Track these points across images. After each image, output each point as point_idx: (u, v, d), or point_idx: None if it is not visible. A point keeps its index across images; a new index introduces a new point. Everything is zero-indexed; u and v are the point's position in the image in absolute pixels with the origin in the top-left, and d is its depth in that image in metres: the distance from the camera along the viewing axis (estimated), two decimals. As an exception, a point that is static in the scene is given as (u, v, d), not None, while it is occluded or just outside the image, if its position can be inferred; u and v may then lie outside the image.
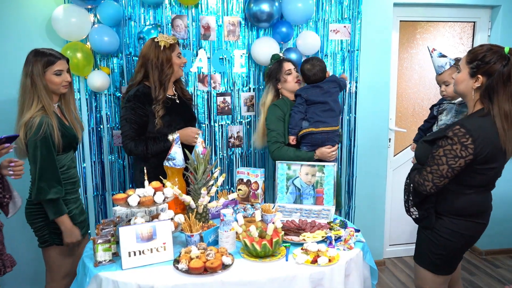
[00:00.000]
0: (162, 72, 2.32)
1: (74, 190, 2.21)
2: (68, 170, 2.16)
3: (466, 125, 1.71)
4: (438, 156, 1.76)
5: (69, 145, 2.14)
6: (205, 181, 2.02)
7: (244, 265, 1.67)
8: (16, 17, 2.62)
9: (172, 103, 2.40)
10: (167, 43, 2.32)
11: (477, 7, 3.34)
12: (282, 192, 2.36)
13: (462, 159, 1.72)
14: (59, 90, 2.10)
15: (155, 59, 2.31)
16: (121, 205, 1.81)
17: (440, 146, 1.76)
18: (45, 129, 1.97)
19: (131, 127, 2.28)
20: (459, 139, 1.70)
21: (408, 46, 3.39)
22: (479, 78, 1.73)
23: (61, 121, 2.11)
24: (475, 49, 1.77)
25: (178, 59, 2.38)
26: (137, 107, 2.28)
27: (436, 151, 1.77)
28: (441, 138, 1.77)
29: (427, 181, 1.80)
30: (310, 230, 1.96)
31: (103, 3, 2.61)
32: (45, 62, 2.03)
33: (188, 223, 1.82)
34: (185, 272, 1.59)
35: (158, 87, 2.31)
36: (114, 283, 1.57)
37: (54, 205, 2.03)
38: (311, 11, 2.84)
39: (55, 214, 2.04)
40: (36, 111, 2.00)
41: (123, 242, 1.64)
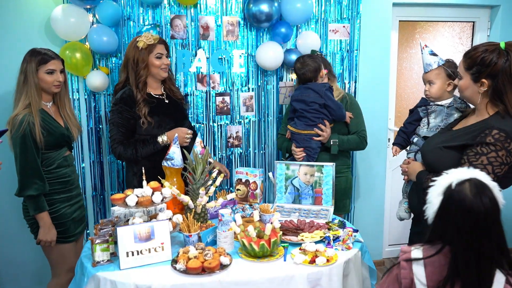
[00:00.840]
0: (137, 73, 2.28)
1: (65, 190, 2.21)
2: (59, 168, 2.17)
3: (505, 128, 1.60)
4: (482, 165, 1.59)
5: (56, 143, 2.15)
6: (203, 181, 2.02)
7: (242, 265, 1.67)
8: (15, 17, 2.62)
9: (159, 103, 2.36)
10: (145, 43, 2.25)
11: (477, 7, 3.34)
12: (281, 192, 2.36)
13: (507, 165, 1.61)
14: (50, 89, 2.14)
15: (132, 59, 2.29)
16: (119, 205, 1.81)
17: (481, 153, 1.60)
18: (25, 127, 2.01)
19: (119, 130, 2.25)
20: (503, 144, 1.58)
21: (407, 46, 3.39)
22: (484, 82, 1.65)
23: (48, 119, 2.12)
24: (471, 54, 1.68)
25: (156, 61, 2.29)
26: (124, 110, 2.25)
27: (477, 160, 1.61)
28: (477, 145, 1.62)
29: None
30: (308, 230, 1.96)
31: (102, 3, 2.61)
32: (39, 60, 2.09)
33: (186, 223, 1.82)
34: (183, 272, 1.59)
35: (135, 87, 2.29)
36: (112, 283, 1.57)
37: (35, 201, 2.07)
38: (310, 11, 2.84)
39: (35, 210, 2.08)
40: (22, 108, 2.06)
41: (121, 242, 1.64)
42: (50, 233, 2.13)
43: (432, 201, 1.29)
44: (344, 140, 2.53)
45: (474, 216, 1.19)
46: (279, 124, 3.08)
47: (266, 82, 3.02)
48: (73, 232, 2.24)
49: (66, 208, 2.21)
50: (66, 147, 2.23)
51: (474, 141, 1.65)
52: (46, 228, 2.11)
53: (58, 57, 2.16)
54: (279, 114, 3.07)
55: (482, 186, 1.23)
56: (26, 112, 2.04)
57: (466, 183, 1.23)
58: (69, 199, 2.23)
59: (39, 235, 2.12)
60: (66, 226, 2.20)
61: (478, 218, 1.19)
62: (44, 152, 2.11)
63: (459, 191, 1.23)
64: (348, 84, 3.11)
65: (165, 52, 2.34)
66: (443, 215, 1.26)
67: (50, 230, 2.13)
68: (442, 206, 1.26)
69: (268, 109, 3.05)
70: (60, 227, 2.18)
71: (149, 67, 2.30)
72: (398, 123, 3.45)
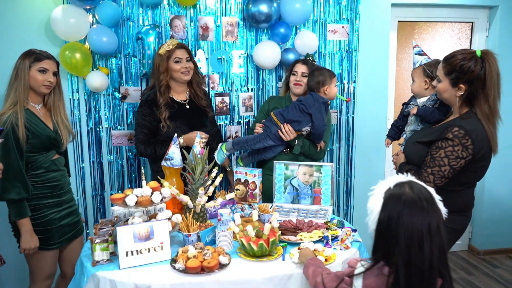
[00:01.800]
0: (158, 78, 2.42)
1: (54, 194, 2.14)
2: (47, 173, 2.11)
3: (465, 126, 1.75)
4: (440, 158, 1.78)
5: (42, 146, 2.08)
6: (202, 181, 2.03)
7: (241, 265, 1.68)
8: (15, 18, 2.63)
9: (180, 108, 2.45)
10: (164, 50, 2.38)
11: (475, 8, 3.35)
12: (280, 192, 2.37)
13: (463, 159, 1.76)
14: (39, 88, 2.07)
15: (155, 66, 2.43)
16: (118, 205, 1.81)
17: (440, 147, 1.79)
18: (7, 128, 1.94)
19: (142, 131, 2.40)
20: (460, 140, 1.74)
21: (406, 46, 3.40)
22: (462, 87, 1.79)
23: (35, 121, 2.05)
24: (450, 60, 1.81)
25: (175, 65, 2.39)
26: (147, 112, 2.39)
27: (436, 153, 1.79)
28: (439, 140, 1.80)
29: (428, 182, 1.80)
30: (307, 230, 1.97)
31: (102, 3, 2.62)
32: (33, 58, 2.06)
33: (186, 223, 1.83)
34: (182, 272, 1.60)
35: (158, 91, 2.41)
36: (111, 283, 1.58)
37: (16, 206, 1.99)
38: (309, 11, 2.85)
39: (16, 216, 2.00)
40: (9, 106, 2.00)
41: (120, 242, 1.65)
42: (33, 240, 2.04)
43: (373, 209, 1.26)
44: (306, 144, 2.48)
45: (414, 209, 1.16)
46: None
47: (265, 82, 3.03)
48: (57, 239, 2.16)
49: (54, 214, 2.14)
50: (54, 150, 2.15)
51: (438, 136, 1.82)
52: (28, 236, 2.02)
53: (53, 59, 2.13)
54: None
55: (418, 183, 1.23)
56: (11, 112, 1.98)
57: (405, 184, 1.23)
58: (58, 204, 2.16)
59: (22, 243, 2.02)
60: (50, 233, 2.13)
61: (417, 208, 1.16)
62: (31, 155, 2.04)
63: (399, 189, 1.22)
64: (347, 84, 3.12)
65: (185, 56, 2.41)
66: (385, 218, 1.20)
67: (32, 237, 2.04)
68: (384, 206, 1.22)
69: (267, 109, 3.06)
70: (44, 233, 2.10)
71: (168, 72, 2.40)
72: (397, 123, 3.46)
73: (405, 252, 1.14)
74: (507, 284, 3.18)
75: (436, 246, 1.14)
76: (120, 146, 2.88)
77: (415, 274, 1.14)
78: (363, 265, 1.29)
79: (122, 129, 2.86)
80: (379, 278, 1.22)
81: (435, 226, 1.15)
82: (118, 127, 2.86)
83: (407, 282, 1.15)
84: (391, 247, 1.18)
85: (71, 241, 2.26)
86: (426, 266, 1.14)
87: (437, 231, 1.15)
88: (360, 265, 1.30)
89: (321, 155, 2.59)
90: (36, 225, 2.08)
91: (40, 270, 2.16)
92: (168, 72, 2.40)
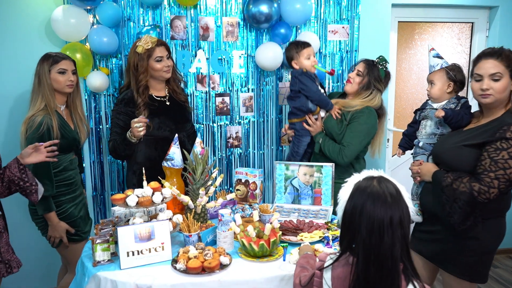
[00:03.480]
0: (137, 78, 2.30)
1: (70, 191, 2.27)
2: (65, 171, 2.22)
3: None
4: (504, 160, 1.66)
5: (67, 147, 2.20)
6: (203, 181, 2.03)
7: (241, 265, 1.68)
8: (15, 18, 2.63)
9: (160, 105, 2.38)
10: (144, 48, 2.26)
11: (475, 8, 3.35)
12: (281, 192, 2.37)
13: None
14: (63, 89, 2.18)
15: (132, 64, 2.31)
16: (119, 205, 1.82)
17: (501, 149, 1.67)
18: (44, 128, 2.04)
19: (114, 130, 2.33)
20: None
21: (407, 46, 3.40)
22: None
23: (63, 123, 2.18)
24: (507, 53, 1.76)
25: (157, 64, 2.29)
26: (122, 111, 2.31)
27: (497, 155, 1.67)
28: (497, 141, 1.70)
29: (492, 187, 1.68)
30: (307, 230, 1.97)
31: (102, 4, 2.62)
32: (51, 61, 2.15)
33: (187, 223, 1.83)
34: (183, 272, 1.60)
35: (136, 91, 2.31)
36: (112, 283, 1.58)
37: (44, 202, 2.09)
38: (309, 12, 2.85)
39: (44, 210, 2.13)
40: (39, 109, 2.10)
41: (121, 242, 1.65)
42: (59, 229, 2.19)
43: (341, 198, 1.30)
44: (326, 143, 2.40)
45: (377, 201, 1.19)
46: (278, 124, 3.10)
47: (265, 82, 3.03)
48: (83, 229, 2.32)
49: (72, 208, 2.27)
50: (73, 151, 2.28)
51: (493, 137, 1.70)
52: (54, 226, 2.17)
53: (69, 58, 2.23)
54: (279, 114, 3.09)
55: (387, 179, 1.27)
56: (45, 114, 2.09)
57: (374, 178, 1.27)
58: (73, 199, 2.29)
59: (49, 232, 2.19)
60: (77, 225, 2.27)
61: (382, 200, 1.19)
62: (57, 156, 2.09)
63: (366, 182, 1.26)
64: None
65: (165, 53, 2.33)
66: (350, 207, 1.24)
67: (58, 227, 2.19)
68: (351, 197, 1.26)
69: (267, 109, 3.07)
70: (72, 225, 2.25)
71: (148, 71, 2.31)
72: (397, 123, 3.46)
73: (366, 241, 1.18)
74: (507, 284, 3.18)
75: (398, 239, 1.18)
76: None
77: (374, 263, 1.17)
78: (331, 258, 1.33)
79: (123, 129, 2.87)
80: (346, 267, 1.26)
81: (397, 220, 1.18)
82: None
83: (366, 270, 1.18)
84: (355, 235, 1.21)
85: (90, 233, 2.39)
86: (387, 256, 1.17)
87: (399, 225, 1.18)
88: (329, 258, 1.34)
89: (340, 157, 2.34)
90: (62, 220, 2.21)
91: (75, 261, 2.22)
92: (148, 71, 2.30)
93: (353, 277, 1.21)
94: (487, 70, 1.75)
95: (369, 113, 2.36)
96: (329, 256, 1.34)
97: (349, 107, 2.39)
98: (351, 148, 2.34)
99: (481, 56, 1.81)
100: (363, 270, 1.19)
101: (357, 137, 2.35)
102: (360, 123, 2.34)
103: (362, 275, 1.19)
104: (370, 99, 2.38)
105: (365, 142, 2.40)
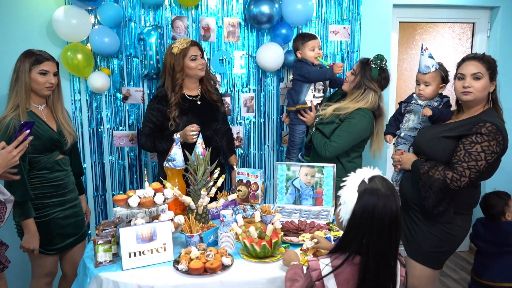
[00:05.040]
0: (173, 77, 2.42)
1: (57, 194, 2.15)
2: (50, 173, 2.12)
3: (496, 123, 1.85)
4: (476, 152, 1.84)
5: (45, 148, 2.08)
6: (204, 182, 2.03)
7: (243, 266, 1.68)
8: (16, 18, 2.63)
9: (191, 104, 2.48)
10: (179, 49, 2.39)
11: (476, 8, 3.35)
12: (282, 193, 2.37)
13: (496, 154, 1.84)
14: (41, 91, 2.08)
15: (168, 65, 2.43)
16: (121, 206, 1.82)
17: (476, 142, 1.84)
18: (11, 131, 1.94)
19: (147, 125, 2.46)
20: (494, 135, 1.82)
21: (408, 47, 3.40)
22: (494, 82, 1.94)
23: (37, 123, 2.03)
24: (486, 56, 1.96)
25: (192, 63, 2.42)
26: (155, 107, 2.44)
27: (472, 148, 1.84)
28: (472, 135, 1.85)
29: (464, 176, 1.86)
30: (309, 231, 1.97)
31: (104, 4, 2.62)
32: (33, 60, 2.05)
33: (188, 224, 1.83)
34: (185, 273, 1.60)
35: (170, 91, 2.43)
36: (114, 284, 1.58)
37: (20, 207, 1.98)
38: (310, 12, 2.85)
39: (20, 217, 2.02)
40: (11, 108, 2.01)
41: (123, 243, 1.65)
42: (34, 241, 2.05)
43: (347, 200, 1.30)
44: (317, 134, 2.46)
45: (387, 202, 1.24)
46: (279, 125, 3.10)
47: (266, 83, 3.03)
48: (58, 244, 2.18)
49: (57, 213, 2.16)
50: (57, 151, 2.15)
51: (470, 131, 1.87)
52: (31, 236, 2.04)
53: (53, 59, 2.12)
54: (280, 115, 3.08)
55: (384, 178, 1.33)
56: (13, 115, 1.99)
57: (374, 178, 1.31)
58: (62, 203, 2.18)
59: (23, 242, 2.05)
60: (51, 236, 2.14)
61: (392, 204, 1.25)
62: (34, 156, 2.05)
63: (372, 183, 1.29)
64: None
65: (199, 53, 2.45)
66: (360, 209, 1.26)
67: (34, 237, 2.05)
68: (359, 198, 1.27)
69: (268, 110, 3.07)
70: (45, 236, 2.11)
71: (184, 70, 2.42)
72: (398, 124, 3.46)
73: (377, 240, 1.24)
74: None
75: (399, 234, 1.28)
76: (121, 147, 2.88)
77: (382, 258, 1.26)
78: (327, 264, 1.30)
79: (124, 130, 2.86)
80: (351, 267, 1.28)
81: (400, 214, 1.27)
82: (119, 128, 2.86)
83: (376, 267, 1.25)
84: (364, 236, 1.25)
85: (73, 246, 2.27)
86: (391, 251, 1.27)
87: (399, 220, 1.27)
88: (324, 265, 1.31)
89: (323, 150, 2.38)
90: (39, 226, 2.08)
91: (41, 269, 2.21)
92: (185, 70, 2.42)
93: (361, 275, 1.25)
94: (469, 70, 1.94)
95: (362, 115, 2.35)
96: (321, 262, 1.31)
97: (342, 110, 2.38)
98: (335, 146, 2.36)
99: (465, 58, 2.01)
100: (374, 266, 1.24)
101: (344, 136, 2.36)
102: (351, 123, 2.34)
103: (372, 272, 1.24)
104: (362, 99, 2.36)
105: (352, 143, 2.40)
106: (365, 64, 2.39)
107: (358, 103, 2.36)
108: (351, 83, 2.43)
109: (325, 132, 2.44)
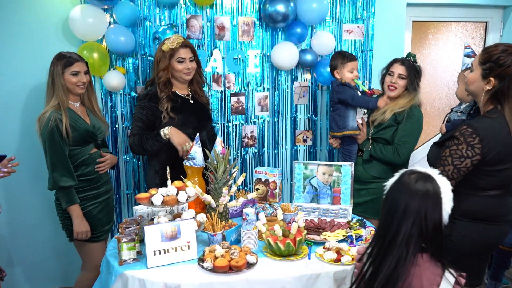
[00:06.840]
0: (157, 73, 2.32)
1: (90, 188, 2.27)
2: (84, 166, 2.24)
3: (474, 125, 1.66)
4: (444, 157, 1.71)
5: (82, 139, 2.21)
6: (225, 180, 2.03)
7: (268, 264, 1.68)
8: (33, 17, 2.63)
9: (184, 102, 2.38)
10: (168, 47, 2.27)
11: (489, 7, 3.35)
12: (299, 192, 2.37)
13: (469, 159, 1.66)
14: (75, 89, 2.22)
15: (155, 59, 2.35)
16: (144, 204, 1.81)
17: (446, 146, 1.73)
18: (52, 123, 2.09)
19: (136, 124, 2.31)
20: (465, 138, 1.65)
21: (421, 46, 3.40)
22: (491, 80, 1.67)
23: (74, 117, 2.20)
24: (490, 49, 1.69)
25: (178, 65, 2.30)
26: (146, 106, 2.30)
27: (442, 152, 1.74)
28: (447, 139, 1.74)
29: None
30: (330, 229, 1.97)
31: (120, 3, 2.62)
32: (64, 63, 2.18)
33: (211, 222, 1.83)
34: (211, 271, 1.60)
35: (158, 87, 2.32)
36: (140, 281, 1.58)
37: (66, 193, 2.14)
38: (325, 11, 2.85)
39: (67, 203, 2.15)
40: (51, 107, 2.15)
41: (148, 241, 1.65)
42: (84, 223, 2.20)
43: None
44: (376, 147, 2.44)
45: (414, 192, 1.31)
46: (293, 124, 3.10)
47: (280, 82, 3.03)
48: (102, 228, 2.32)
49: (92, 206, 2.27)
50: (92, 143, 2.28)
51: (447, 136, 1.77)
52: (80, 220, 2.18)
53: (82, 60, 2.25)
54: (294, 114, 3.08)
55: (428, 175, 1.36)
56: (53, 110, 2.13)
57: (416, 173, 1.37)
58: (96, 197, 2.29)
59: (74, 227, 2.18)
60: (92, 226, 2.25)
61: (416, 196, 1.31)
62: (71, 148, 2.18)
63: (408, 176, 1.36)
64: (362, 84, 3.11)
65: (188, 55, 2.32)
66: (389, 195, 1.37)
67: (83, 221, 2.20)
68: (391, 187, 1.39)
69: (282, 109, 3.07)
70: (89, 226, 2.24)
71: (169, 70, 2.32)
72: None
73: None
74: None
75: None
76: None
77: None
78: None
79: (139, 128, 2.86)
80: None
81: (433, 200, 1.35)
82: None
83: None
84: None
85: (107, 234, 2.41)
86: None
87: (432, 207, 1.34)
88: None
89: (396, 156, 2.37)
90: None
91: (90, 260, 2.31)
92: (169, 70, 2.31)
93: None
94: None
95: (418, 110, 2.43)
96: None
97: (396, 108, 2.42)
98: (407, 146, 2.39)
99: None
100: None
101: (412, 135, 2.40)
102: (413, 122, 2.39)
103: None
104: (415, 97, 2.43)
105: (418, 139, 2.45)
106: (411, 65, 2.43)
107: (410, 101, 2.41)
108: (403, 87, 2.43)
109: (385, 137, 2.44)
